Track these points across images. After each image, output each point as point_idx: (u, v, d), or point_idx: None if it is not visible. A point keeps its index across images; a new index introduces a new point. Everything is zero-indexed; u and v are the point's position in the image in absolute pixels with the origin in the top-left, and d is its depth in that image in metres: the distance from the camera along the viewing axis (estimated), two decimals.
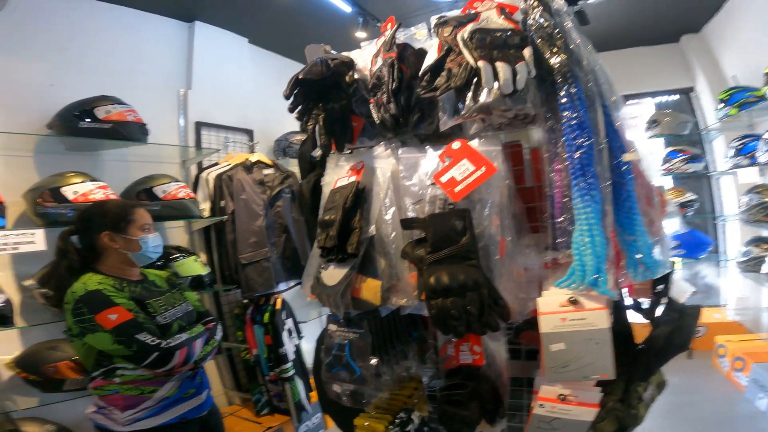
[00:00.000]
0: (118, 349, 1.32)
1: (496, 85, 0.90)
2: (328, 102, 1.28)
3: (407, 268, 1.04)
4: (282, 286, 2.73)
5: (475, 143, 1.02)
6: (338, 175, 1.25)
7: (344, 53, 1.30)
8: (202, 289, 2.42)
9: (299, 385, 2.63)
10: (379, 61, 1.20)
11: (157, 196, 2.29)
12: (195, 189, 2.66)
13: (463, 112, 0.98)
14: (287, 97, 1.24)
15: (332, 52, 1.35)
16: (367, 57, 1.27)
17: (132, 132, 2.24)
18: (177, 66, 2.88)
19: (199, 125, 2.93)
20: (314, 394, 2.70)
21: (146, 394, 1.39)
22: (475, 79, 0.94)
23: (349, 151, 1.34)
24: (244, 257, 2.52)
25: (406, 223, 1.00)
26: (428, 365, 1.50)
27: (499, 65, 0.89)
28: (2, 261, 2.00)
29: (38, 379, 1.87)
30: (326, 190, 1.28)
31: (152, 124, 2.36)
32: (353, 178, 1.14)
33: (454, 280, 0.86)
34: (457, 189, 0.93)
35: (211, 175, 2.67)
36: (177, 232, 2.68)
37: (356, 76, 1.27)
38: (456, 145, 1.01)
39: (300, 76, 1.20)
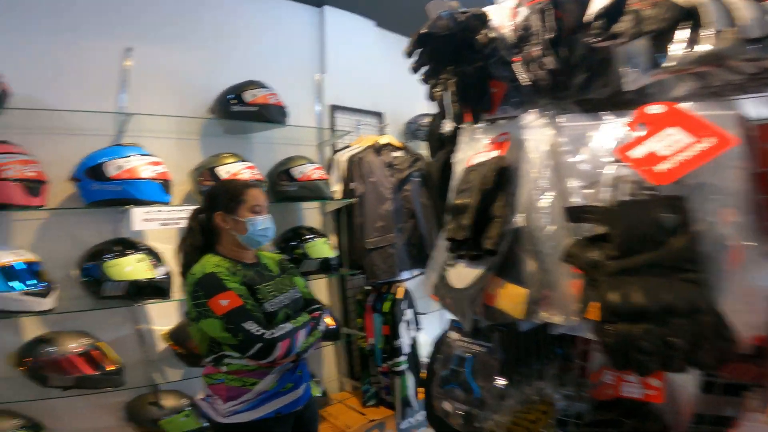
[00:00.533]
0: (226, 338, 1.28)
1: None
2: (460, 64, 1.05)
3: (566, 274, 0.77)
4: (406, 275, 2.62)
5: (687, 107, 0.69)
6: (474, 150, 1.02)
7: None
8: (328, 272, 2.44)
9: (409, 380, 2.52)
10: (524, 11, 0.94)
11: (294, 176, 2.36)
12: (330, 171, 2.69)
13: (668, 64, 0.66)
14: (409, 54, 1.05)
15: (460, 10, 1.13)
16: (503, 13, 1.02)
17: (273, 114, 2.33)
18: (312, 51, 2.94)
19: (334, 108, 2.97)
20: (423, 390, 2.57)
21: (247, 386, 1.36)
22: (687, 22, 0.64)
23: (487, 123, 1.10)
24: (370, 242, 2.47)
25: (576, 213, 0.72)
26: (568, 388, 1.20)
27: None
28: (168, 235, 2.17)
29: (185, 352, 2.01)
30: (458, 169, 1.06)
31: (292, 107, 2.43)
32: (495, 153, 0.91)
33: (655, 300, 0.57)
34: (661, 168, 0.62)
35: (343, 156, 2.67)
36: (312, 213, 2.75)
37: (492, 34, 1.03)
38: (655, 108, 0.70)
39: (423, 31, 1.00)
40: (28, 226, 1.93)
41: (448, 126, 1.27)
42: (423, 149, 2.90)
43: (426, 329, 2.74)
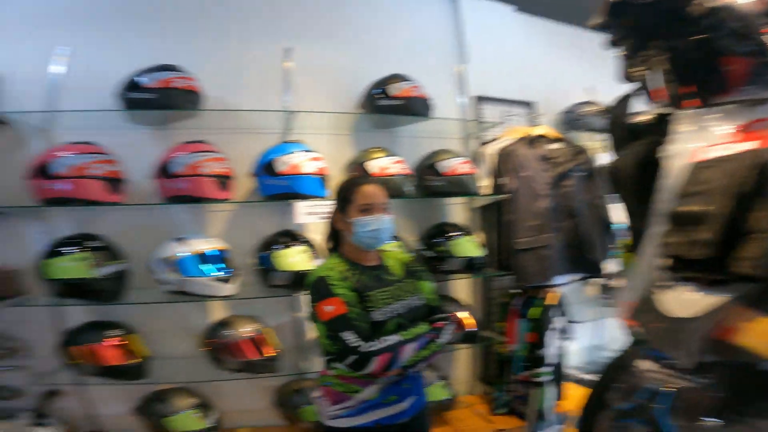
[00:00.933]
0: (327, 344, 1.28)
1: None
2: (669, 38, 0.84)
3: None
4: (560, 279, 2.36)
5: None
6: (703, 141, 0.80)
7: None
8: (473, 272, 2.32)
9: (549, 392, 2.28)
10: None
11: (439, 171, 2.30)
12: (477, 165, 2.56)
13: None
14: (602, 27, 0.87)
15: None
16: None
17: (417, 107, 2.30)
18: (450, 41, 2.83)
19: (478, 99, 2.82)
20: (563, 404, 2.31)
21: (350, 393, 1.33)
22: None
23: (720, 107, 0.85)
24: (521, 242, 2.27)
25: None
26: None
27: None
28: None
29: None
30: (675, 165, 0.85)
31: (435, 99, 2.37)
32: (748, 146, 0.68)
33: None
34: None
35: (491, 149, 2.51)
36: (458, 210, 2.65)
37: (711, 3, 0.80)
38: None
39: None
40: (218, 217, 2.25)
41: (646, 111, 1.05)
42: (585, 140, 2.58)
43: (577, 340, 2.47)
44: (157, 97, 1.93)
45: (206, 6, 2.33)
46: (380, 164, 2.20)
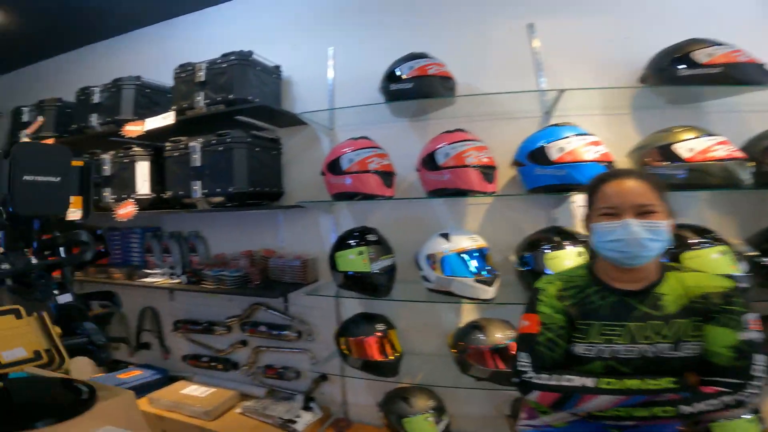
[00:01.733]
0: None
1: None
2: None
3: None
4: None
5: None
6: None
7: None
8: None
9: None
10: None
11: None
12: None
13: None
14: None
15: None
16: None
17: (748, 74, 1.69)
18: None
19: None
20: None
21: (538, 411, 1.23)
22: None
23: None
24: None
25: None
26: None
27: None
28: None
29: None
30: None
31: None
32: None
33: None
34: None
35: None
36: None
37: None
38: None
39: None
40: (477, 211, 2.09)
41: None
42: None
43: None
44: (416, 86, 1.91)
45: None
46: (695, 146, 1.63)
